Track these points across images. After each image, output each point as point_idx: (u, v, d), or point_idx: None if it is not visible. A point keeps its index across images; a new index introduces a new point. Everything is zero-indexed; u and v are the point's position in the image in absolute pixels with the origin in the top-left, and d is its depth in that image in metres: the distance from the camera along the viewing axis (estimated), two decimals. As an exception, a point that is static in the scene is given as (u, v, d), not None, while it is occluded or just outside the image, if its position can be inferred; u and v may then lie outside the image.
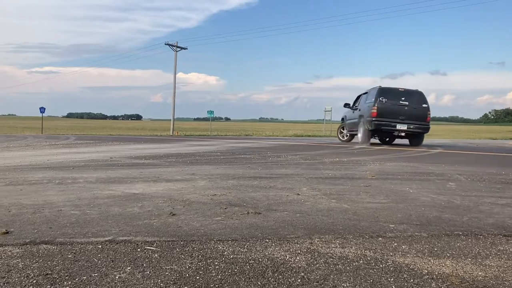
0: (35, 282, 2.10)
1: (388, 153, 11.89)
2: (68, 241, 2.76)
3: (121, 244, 2.72)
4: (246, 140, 18.41)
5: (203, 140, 18.53)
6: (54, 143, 15.09)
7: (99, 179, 5.61)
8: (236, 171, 6.53)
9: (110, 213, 3.56)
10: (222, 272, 2.25)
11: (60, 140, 17.73)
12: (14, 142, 15.27)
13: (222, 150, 11.57)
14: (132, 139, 19.21)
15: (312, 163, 8.14)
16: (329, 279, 2.19)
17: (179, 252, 2.58)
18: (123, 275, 2.20)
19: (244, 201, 4.14)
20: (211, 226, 3.17)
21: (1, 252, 2.54)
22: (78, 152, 10.52)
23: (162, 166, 7.25)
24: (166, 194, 4.46)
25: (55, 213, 3.57)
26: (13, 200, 4.11)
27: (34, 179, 5.57)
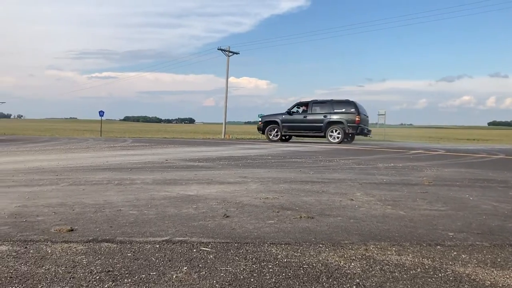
0: (98, 278, 2.20)
1: (445, 158, 11.44)
2: (127, 240, 2.87)
3: (177, 244, 2.80)
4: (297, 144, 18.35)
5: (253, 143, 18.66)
6: (112, 145, 15.73)
7: (156, 180, 5.79)
8: (287, 175, 6.52)
9: (167, 214, 3.67)
10: (276, 276, 2.26)
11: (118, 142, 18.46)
12: (75, 144, 16.06)
13: (273, 153, 11.60)
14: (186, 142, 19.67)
15: (366, 168, 7.99)
16: (385, 286, 2.14)
17: (233, 254, 2.61)
18: (180, 275, 2.26)
19: (296, 205, 4.13)
20: (264, 229, 3.19)
21: (67, 248, 2.68)
22: (135, 154, 10.92)
23: (215, 169, 7.38)
24: (219, 196, 4.53)
25: (115, 212, 3.72)
26: (76, 199, 4.33)
27: (95, 179, 5.84)
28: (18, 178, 5.95)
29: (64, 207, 3.90)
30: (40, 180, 5.70)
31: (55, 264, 2.39)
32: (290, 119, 20.64)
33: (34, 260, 2.46)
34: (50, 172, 6.63)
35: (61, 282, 2.13)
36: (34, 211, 3.72)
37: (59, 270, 2.30)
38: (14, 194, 4.61)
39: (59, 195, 4.57)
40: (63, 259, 2.48)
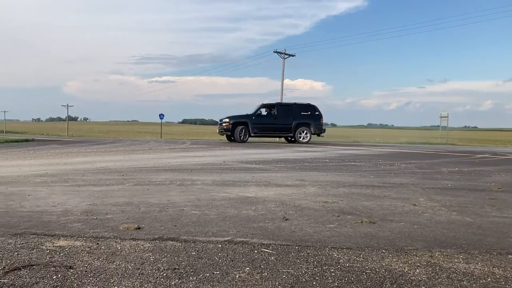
0: (165, 275, 2.29)
1: (515, 163, 10.80)
2: (191, 239, 2.96)
3: (239, 244, 2.85)
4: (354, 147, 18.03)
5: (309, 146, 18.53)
6: (172, 147, 16.22)
7: (215, 181, 5.91)
8: (346, 179, 6.44)
9: (227, 215, 3.74)
10: (339, 280, 2.25)
11: (177, 144, 19.01)
12: (138, 146, 16.71)
13: (330, 156, 11.47)
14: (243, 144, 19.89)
15: (429, 172, 7.71)
16: (453, 296, 2.07)
17: (294, 256, 2.62)
18: (242, 275, 2.30)
19: (357, 209, 4.07)
20: (324, 233, 3.18)
21: (135, 246, 2.81)
22: (194, 156, 11.20)
23: (272, 171, 7.42)
24: (278, 199, 4.55)
25: (178, 212, 3.85)
26: (142, 198, 4.51)
27: (157, 180, 6.06)
28: (87, 177, 6.30)
29: (131, 206, 4.09)
30: (107, 180, 5.99)
31: (125, 260, 2.51)
32: (260, 120, 21.15)
33: (106, 256, 2.60)
34: (116, 172, 6.96)
35: (131, 278, 2.24)
36: (103, 210, 3.92)
37: (129, 266, 2.42)
38: (85, 193, 4.88)
39: (125, 194, 4.79)
40: (132, 255, 2.60)
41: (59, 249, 2.72)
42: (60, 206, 4.06)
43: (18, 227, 3.25)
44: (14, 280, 2.19)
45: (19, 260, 2.49)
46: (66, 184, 5.62)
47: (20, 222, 3.43)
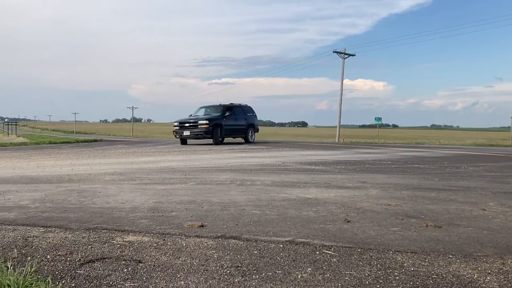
0: (229, 272, 2.35)
1: None
2: (252, 238, 3.01)
3: (300, 245, 2.86)
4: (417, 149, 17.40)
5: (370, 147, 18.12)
6: (231, 148, 16.48)
7: (274, 182, 5.95)
8: (410, 181, 6.24)
9: (288, 215, 3.76)
10: (403, 284, 2.20)
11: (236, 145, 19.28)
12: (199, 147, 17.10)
13: (392, 158, 11.16)
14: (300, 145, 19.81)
15: (499, 176, 7.29)
16: (529, 306, 1.95)
17: (357, 258, 2.59)
18: (304, 275, 2.31)
19: (421, 213, 3.94)
20: (387, 236, 3.11)
21: (199, 243, 2.90)
22: (252, 157, 11.32)
23: (332, 173, 7.34)
24: (338, 201, 4.51)
25: (239, 211, 3.92)
26: (204, 197, 4.64)
27: (218, 179, 6.19)
28: (152, 176, 6.56)
29: (194, 204, 4.21)
30: (171, 179, 6.21)
31: (190, 257, 2.60)
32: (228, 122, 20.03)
33: (172, 251, 2.70)
34: (179, 172, 7.19)
35: (196, 274, 2.32)
36: (169, 207, 4.08)
37: (194, 262, 2.50)
38: (151, 191, 5.09)
39: (188, 193, 4.94)
40: (197, 252, 2.69)
41: (129, 244, 2.87)
42: (128, 203, 4.26)
43: (91, 222, 3.45)
44: (89, 272, 2.34)
45: (93, 253, 2.65)
46: (133, 182, 5.89)
47: (93, 217, 3.64)
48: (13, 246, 2.80)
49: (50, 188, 5.35)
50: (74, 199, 4.51)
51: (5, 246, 2.80)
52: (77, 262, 2.50)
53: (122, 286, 2.15)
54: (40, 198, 4.58)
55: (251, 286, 2.15)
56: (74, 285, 2.14)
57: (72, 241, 2.93)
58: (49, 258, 2.56)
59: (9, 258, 2.48)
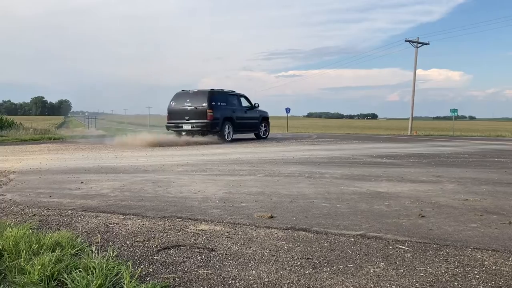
0: (299, 264, 2.35)
1: None
2: (322, 231, 2.99)
3: (372, 239, 2.80)
4: (497, 141, 16.32)
5: (445, 140, 17.25)
6: (298, 140, 16.44)
7: (344, 175, 5.86)
8: (489, 176, 5.87)
9: (358, 209, 3.69)
10: (484, 283, 2.08)
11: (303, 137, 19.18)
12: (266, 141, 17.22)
13: (469, 151, 10.56)
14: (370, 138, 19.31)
15: None
16: None
17: (432, 255, 2.49)
18: (377, 270, 2.26)
19: (503, 209, 3.70)
20: (465, 233, 2.96)
21: (269, 234, 2.93)
22: (320, 149, 11.22)
23: (404, 166, 7.09)
24: (412, 195, 4.35)
25: (308, 204, 3.91)
26: (273, 189, 4.67)
27: (287, 172, 6.21)
28: (222, 168, 6.71)
29: (263, 196, 4.26)
30: (240, 171, 6.32)
31: (260, 247, 2.64)
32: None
33: (243, 241, 2.76)
34: (248, 164, 7.30)
35: (267, 264, 2.35)
36: (238, 198, 4.15)
37: (265, 253, 2.53)
38: (221, 182, 5.22)
39: (257, 184, 5.00)
40: (267, 243, 2.72)
41: (202, 232, 2.96)
42: (200, 193, 4.40)
43: (166, 211, 3.61)
44: (165, 258, 2.45)
45: (168, 241, 2.77)
46: (205, 173, 6.07)
47: (167, 206, 3.80)
48: (96, 231, 2.99)
49: (128, 178, 5.65)
50: (150, 189, 4.73)
51: (89, 231, 3.00)
52: (154, 248, 2.62)
53: (196, 272, 2.22)
54: (118, 187, 4.86)
55: (322, 279, 2.14)
56: (152, 270, 2.26)
57: (149, 228, 3.08)
58: (128, 244, 2.71)
59: (93, 243, 2.66)
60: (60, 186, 4.98)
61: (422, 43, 36.47)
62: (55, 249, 2.39)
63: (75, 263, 2.23)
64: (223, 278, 2.15)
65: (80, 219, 3.36)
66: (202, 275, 2.19)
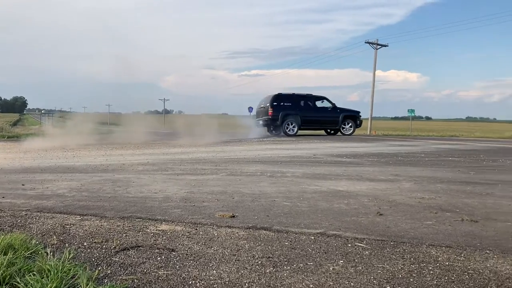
0: (260, 263, 2.36)
1: None
2: (283, 230, 3.01)
3: (331, 237, 2.84)
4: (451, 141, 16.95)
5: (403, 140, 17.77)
6: (261, 139, 16.49)
7: (305, 174, 5.93)
8: (444, 175, 6.09)
9: (319, 208, 3.74)
10: (438, 278, 2.15)
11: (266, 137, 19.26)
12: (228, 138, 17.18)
13: (426, 151, 10.91)
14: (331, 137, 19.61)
15: (538, 170, 7.03)
16: None
17: (389, 252, 2.56)
18: (336, 267, 2.30)
19: (456, 207, 3.85)
20: (421, 230, 3.05)
21: (230, 233, 2.92)
22: (282, 148, 11.30)
23: (363, 165, 7.25)
24: (370, 194, 4.45)
25: (269, 203, 3.93)
26: (235, 188, 4.67)
27: (249, 171, 6.22)
28: (184, 167, 6.65)
29: (225, 195, 4.25)
30: (202, 170, 6.28)
31: (221, 247, 2.63)
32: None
33: (204, 241, 2.74)
34: (210, 163, 7.26)
35: (228, 263, 2.34)
36: (200, 197, 4.13)
37: (226, 252, 2.53)
38: (182, 181, 5.16)
39: (219, 183, 4.99)
40: (228, 242, 2.72)
41: (162, 232, 2.92)
42: (161, 193, 4.34)
43: (125, 211, 3.54)
44: (124, 259, 2.40)
45: (128, 241, 2.72)
46: (166, 172, 5.99)
47: (127, 206, 3.73)
48: (52, 233, 2.89)
49: (86, 177, 5.50)
50: (109, 188, 4.62)
51: (44, 233, 2.90)
52: (113, 249, 2.56)
53: (156, 274, 2.19)
54: (76, 187, 4.72)
55: (283, 277, 2.15)
56: (110, 272, 2.20)
57: (108, 229, 3.01)
58: (86, 245, 2.64)
59: (49, 245, 2.57)
60: (14, 186, 4.79)
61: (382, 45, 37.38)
62: (7, 252, 2.30)
63: (29, 266, 2.15)
64: (183, 278, 2.13)
65: (35, 220, 3.24)
66: (162, 276, 2.16)
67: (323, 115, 19.58)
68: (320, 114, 19.64)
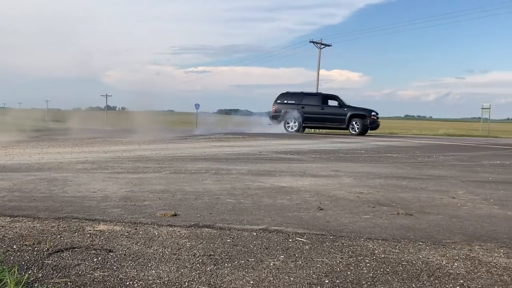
0: (201, 261, 2.33)
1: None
2: (226, 227, 3.00)
3: (273, 233, 2.86)
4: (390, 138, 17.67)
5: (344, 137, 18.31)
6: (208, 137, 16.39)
7: (250, 171, 5.95)
8: (382, 170, 6.33)
9: (262, 204, 3.76)
10: (374, 270, 2.23)
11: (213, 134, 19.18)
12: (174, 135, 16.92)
13: (366, 148, 11.30)
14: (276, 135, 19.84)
15: (469, 165, 7.48)
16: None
17: (329, 246, 2.62)
18: (277, 263, 2.32)
19: (393, 201, 4.01)
20: (359, 224, 3.15)
21: (172, 232, 2.87)
22: (229, 146, 11.28)
23: (307, 162, 7.39)
24: (312, 189, 4.54)
25: (213, 200, 3.90)
26: (178, 186, 4.60)
27: (193, 168, 6.15)
28: (125, 165, 6.46)
29: (167, 194, 4.17)
30: (144, 168, 6.14)
31: (162, 246, 2.57)
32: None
33: (144, 241, 2.67)
34: (153, 161, 7.11)
35: (168, 263, 2.30)
36: (141, 196, 4.02)
37: (166, 251, 2.48)
38: (123, 180, 5.02)
39: (162, 182, 4.89)
40: (169, 241, 2.67)
41: (100, 233, 2.82)
42: (100, 192, 4.19)
43: (61, 211, 3.38)
44: (58, 262, 2.29)
45: (62, 243, 2.60)
46: (106, 171, 5.80)
47: (63, 206, 3.57)
48: (-22, 236, 2.71)
49: (19, 176, 5.21)
50: (44, 188, 4.40)
51: (-31, 236, 2.71)
52: (45, 252, 2.44)
53: (92, 275, 2.11)
54: (7, 187, 4.46)
55: (223, 275, 2.14)
56: (41, 275, 2.09)
57: (41, 230, 2.86)
58: (15, 248, 2.50)
59: (-26, 249, 2.40)
60: None
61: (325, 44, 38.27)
62: None
63: (-51, 272, 2.00)
64: (121, 279, 2.07)
65: (-41, 223, 3.02)
66: (98, 277, 2.08)
67: (328, 113, 19.48)
68: (325, 112, 19.55)
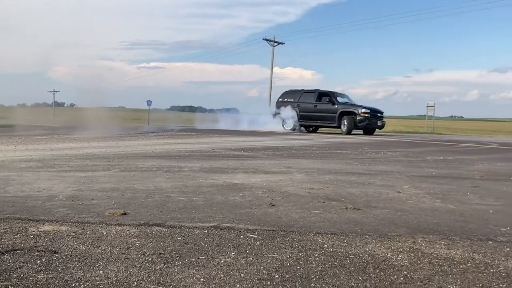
0: (150, 260, 2.30)
1: (498, 152, 11.00)
2: (177, 225, 2.97)
3: (225, 230, 2.87)
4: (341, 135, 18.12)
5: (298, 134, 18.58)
6: (160, 133, 16.14)
7: (203, 168, 5.92)
8: (332, 166, 6.49)
9: (214, 201, 3.76)
10: (322, 264, 2.28)
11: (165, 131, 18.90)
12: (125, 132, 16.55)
13: (317, 144, 11.53)
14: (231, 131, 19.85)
15: (414, 160, 7.81)
16: (434, 280, 2.11)
17: (279, 241, 2.65)
18: (228, 260, 2.32)
19: (342, 196, 4.12)
20: (309, 219, 3.21)
21: (121, 231, 2.81)
22: (182, 143, 11.17)
23: (260, 158, 7.44)
24: (265, 186, 4.58)
25: (164, 198, 3.85)
26: (128, 185, 4.50)
27: (144, 166, 6.04)
28: (73, 163, 6.25)
29: (117, 192, 4.07)
30: (93, 166, 5.96)
31: (110, 245, 2.51)
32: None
33: (91, 240, 2.60)
34: (103, 159, 6.92)
35: (116, 262, 2.25)
36: (89, 195, 3.91)
37: (114, 251, 2.42)
38: (70, 178, 4.85)
39: (111, 180, 4.77)
40: (118, 241, 2.61)
41: (44, 234, 2.71)
42: (45, 192, 4.03)
43: (2, 212, 3.22)
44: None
45: (3, 245, 2.48)
46: (52, 169, 5.58)
47: (4, 207, 3.40)
48: None
49: (-44, 176, 4.92)
50: (-16, 188, 4.18)
51: None
52: (-16, 255, 2.32)
53: (35, 278, 2.03)
54: None
55: (174, 273, 2.12)
56: (-21, 280, 1.99)
57: (-21, 233, 2.71)
58: (-48, 252, 2.36)
59: None
60: None
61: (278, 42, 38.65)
62: None
63: None
64: (66, 281, 2.00)
65: None
66: (42, 280, 2.01)
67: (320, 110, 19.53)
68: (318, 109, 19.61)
